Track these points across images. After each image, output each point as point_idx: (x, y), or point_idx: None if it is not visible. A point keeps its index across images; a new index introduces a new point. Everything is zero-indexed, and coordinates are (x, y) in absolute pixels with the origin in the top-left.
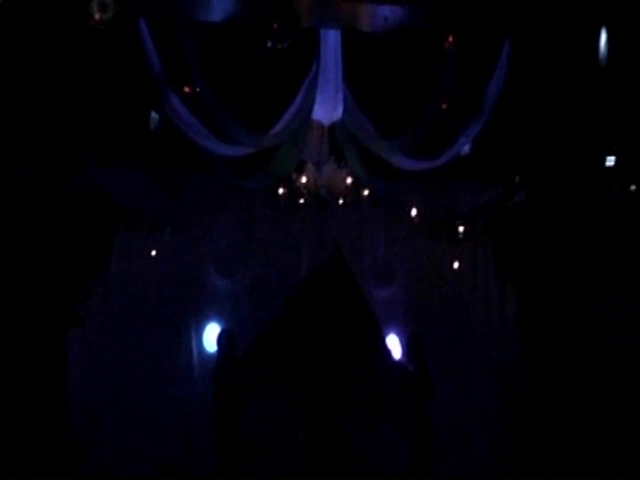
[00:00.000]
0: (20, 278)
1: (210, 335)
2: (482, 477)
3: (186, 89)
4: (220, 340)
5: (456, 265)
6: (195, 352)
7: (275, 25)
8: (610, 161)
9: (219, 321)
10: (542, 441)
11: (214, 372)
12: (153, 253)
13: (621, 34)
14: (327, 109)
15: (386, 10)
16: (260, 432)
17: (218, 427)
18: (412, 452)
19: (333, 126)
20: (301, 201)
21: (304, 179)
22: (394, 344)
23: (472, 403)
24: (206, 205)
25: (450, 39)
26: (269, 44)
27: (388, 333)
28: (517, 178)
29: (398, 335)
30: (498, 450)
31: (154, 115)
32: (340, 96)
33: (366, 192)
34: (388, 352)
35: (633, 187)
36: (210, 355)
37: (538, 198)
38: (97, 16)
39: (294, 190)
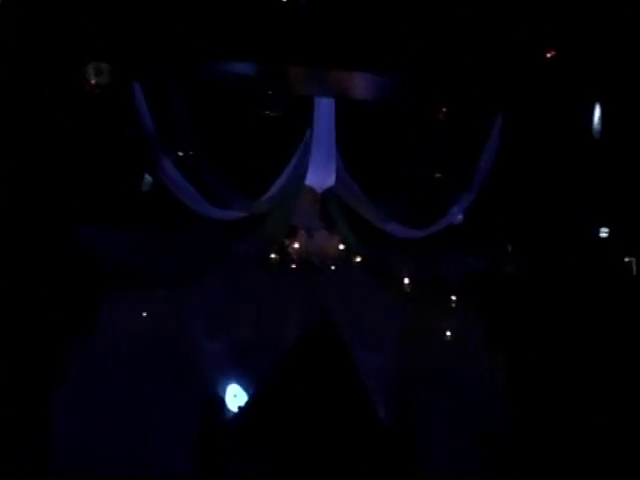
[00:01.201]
0: (5, 336)
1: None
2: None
3: (179, 152)
4: (206, 405)
5: (447, 334)
6: (181, 413)
7: (269, 93)
8: (604, 232)
9: (205, 384)
10: None
11: (199, 438)
12: (141, 312)
13: (615, 107)
14: (320, 175)
15: (379, 79)
16: None
17: None
18: None
19: (325, 193)
20: (292, 266)
21: (296, 245)
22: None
23: (463, 471)
24: (196, 266)
25: (443, 110)
26: (263, 111)
27: (376, 399)
28: (509, 247)
29: (387, 402)
30: None
31: (147, 177)
32: (333, 163)
33: (358, 259)
34: (378, 421)
35: (627, 259)
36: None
37: (531, 268)
38: (93, 80)
39: (285, 255)
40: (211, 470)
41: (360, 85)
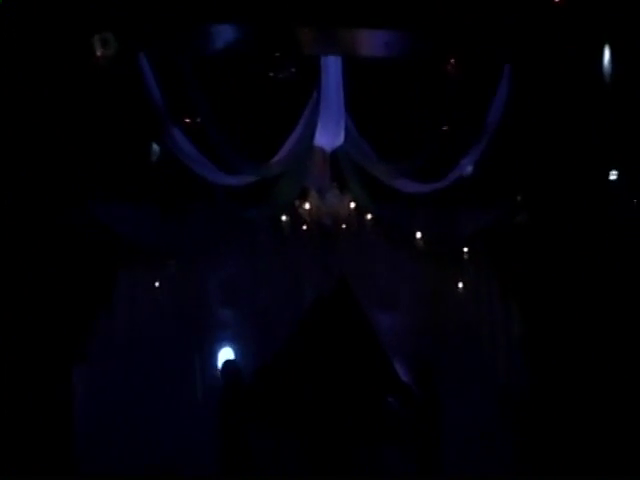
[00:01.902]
0: (24, 314)
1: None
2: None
3: (187, 120)
4: (225, 371)
5: (460, 288)
6: (201, 384)
7: (276, 54)
8: (613, 175)
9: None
10: (548, 463)
11: (219, 403)
12: (156, 286)
13: (624, 50)
14: (329, 136)
15: (386, 36)
16: (266, 462)
17: (225, 458)
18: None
19: (335, 152)
20: (304, 228)
21: (307, 206)
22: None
23: (479, 426)
24: (209, 236)
25: (451, 64)
26: (269, 73)
27: (395, 359)
28: (519, 198)
29: (406, 360)
30: (505, 472)
31: (155, 147)
32: (341, 122)
33: (369, 217)
34: (397, 377)
35: (636, 201)
36: (217, 386)
37: (541, 217)
38: (99, 52)
39: (297, 218)
40: (232, 437)
41: (367, 42)
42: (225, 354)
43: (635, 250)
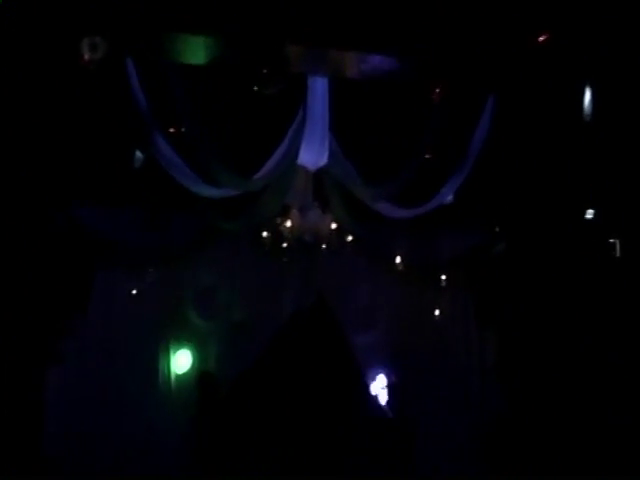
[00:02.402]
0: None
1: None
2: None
3: (172, 129)
4: (201, 382)
5: (437, 313)
6: (174, 393)
7: (264, 70)
8: (589, 214)
9: (199, 363)
10: None
11: (196, 414)
12: (134, 292)
13: (605, 91)
14: (313, 155)
15: (374, 60)
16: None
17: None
18: None
19: (318, 172)
20: (284, 245)
21: (288, 223)
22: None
23: (453, 449)
24: (189, 244)
25: (436, 91)
26: (256, 88)
27: (370, 379)
28: (497, 228)
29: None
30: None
31: (138, 154)
32: (326, 142)
33: (350, 238)
34: (370, 399)
35: (611, 240)
36: (189, 395)
37: (518, 248)
38: (87, 56)
39: (278, 234)
40: (207, 448)
41: (355, 65)
42: (182, 356)
43: (609, 283)
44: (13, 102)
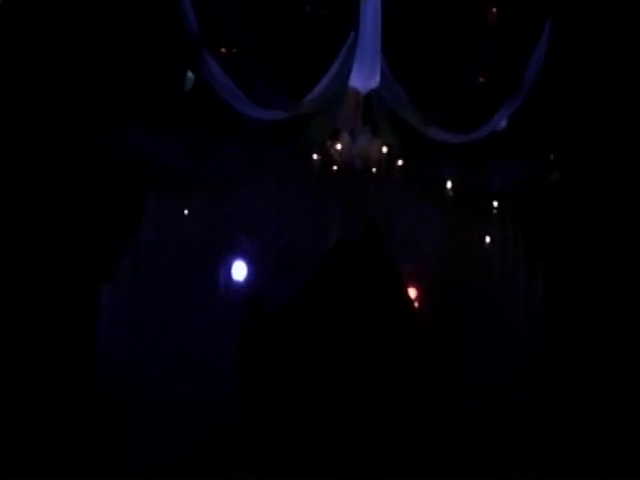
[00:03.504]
0: (52, 233)
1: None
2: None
3: (223, 50)
4: (248, 303)
5: (486, 243)
6: (224, 312)
7: None
8: None
9: (246, 286)
10: (567, 425)
11: (240, 334)
12: (184, 214)
13: None
14: (364, 77)
15: None
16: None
17: (242, 392)
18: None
19: (369, 95)
20: (334, 168)
21: (338, 147)
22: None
23: (499, 383)
24: (238, 169)
25: (492, 13)
26: (307, 9)
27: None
28: (552, 157)
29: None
30: (524, 432)
31: (190, 76)
32: (377, 65)
33: (400, 162)
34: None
35: None
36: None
37: (574, 178)
38: None
39: (328, 157)
40: (253, 366)
41: None
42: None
43: None
44: (60, 21)
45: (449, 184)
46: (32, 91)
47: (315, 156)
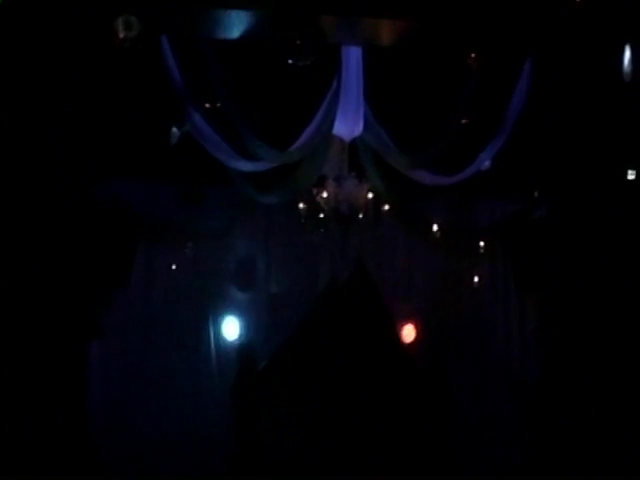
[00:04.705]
0: (43, 289)
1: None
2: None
3: (207, 105)
4: (240, 354)
5: (476, 280)
6: (215, 365)
7: (297, 42)
8: (632, 174)
9: (238, 336)
10: (561, 456)
11: (233, 386)
12: (174, 267)
13: None
14: (348, 125)
15: (408, 27)
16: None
17: (237, 441)
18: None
19: (354, 142)
20: (321, 216)
21: (325, 194)
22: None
23: (493, 417)
24: (227, 218)
25: (471, 56)
26: (290, 61)
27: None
28: (536, 193)
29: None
30: (518, 463)
31: (175, 131)
32: (361, 112)
33: (386, 207)
34: (411, 363)
35: None
36: (230, 369)
37: (559, 212)
38: (122, 34)
39: (314, 205)
40: (246, 418)
41: (389, 33)
42: (230, 324)
43: None
44: (49, 83)
45: (436, 225)
46: (20, 148)
47: (301, 205)
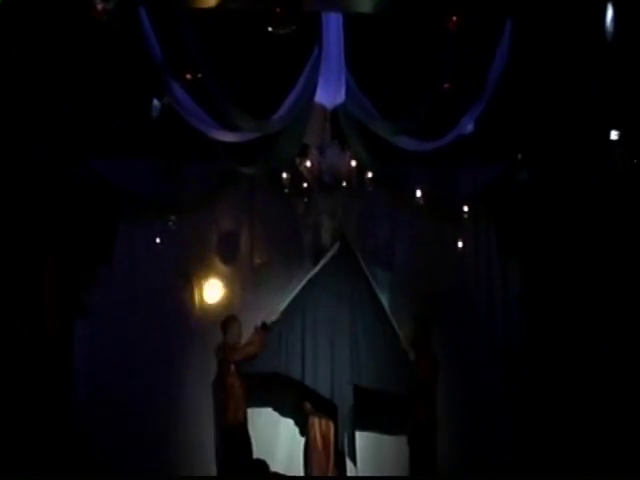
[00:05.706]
0: (24, 269)
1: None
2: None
3: (188, 76)
4: (225, 326)
5: (460, 246)
6: (200, 338)
7: (277, 10)
8: (614, 135)
9: (224, 308)
10: (545, 420)
11: (217, 358)
12: (156, 241)
13: (627, 8)
14: (329, 92)
15: None
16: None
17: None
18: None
19: (336, 109)
20: (304, 185)
21: (308, 163)
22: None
23: (477, 383)
24: (209, 191)
25: (452, 19)
26: (270, 29)
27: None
28: (519, 156)
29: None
30: (503, 431)
31: (156, 103)
32: (342, 79)
33: (370, 174)
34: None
35: (636, 160)
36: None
37: (542, 175)
38: (99, 6)
39: (297, 175)
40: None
41: None
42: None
43: (636, 210)
44: (26, 57)
45: (419, 192)
46: None
47: (285, 175)
